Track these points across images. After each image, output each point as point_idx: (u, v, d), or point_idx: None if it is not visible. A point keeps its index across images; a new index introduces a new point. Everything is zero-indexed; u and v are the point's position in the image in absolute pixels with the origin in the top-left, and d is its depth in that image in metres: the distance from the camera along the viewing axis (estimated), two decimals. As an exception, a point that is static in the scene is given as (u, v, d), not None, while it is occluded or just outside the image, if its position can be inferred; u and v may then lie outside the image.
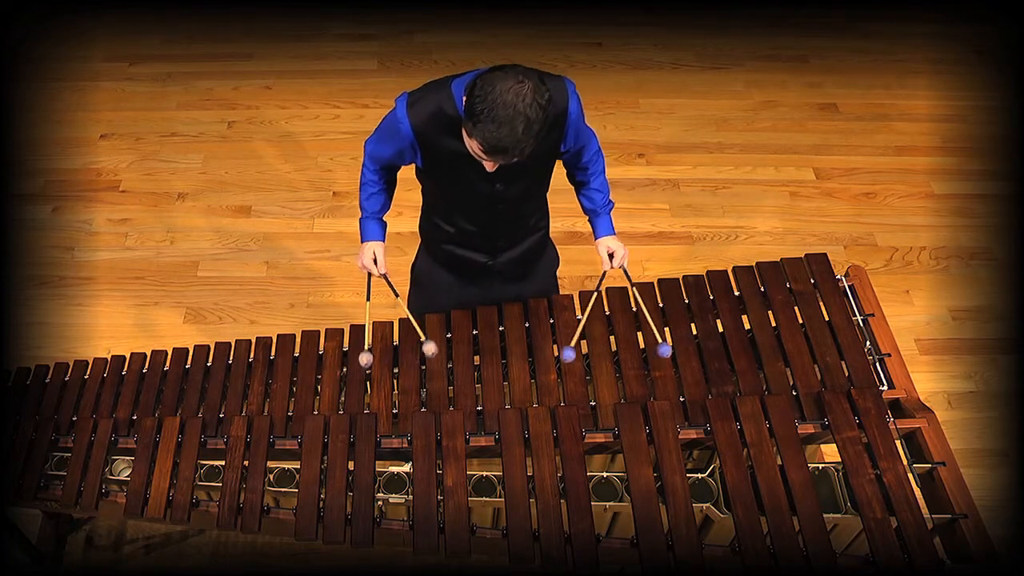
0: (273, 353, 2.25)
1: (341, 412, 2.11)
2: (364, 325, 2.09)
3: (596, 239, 2.18)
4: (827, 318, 2.14)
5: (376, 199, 2.13)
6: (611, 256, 2.13)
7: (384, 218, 2.17)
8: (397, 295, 2.13)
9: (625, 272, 2.14)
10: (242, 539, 2.69)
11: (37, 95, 4.22)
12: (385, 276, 2.13)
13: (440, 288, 2.29)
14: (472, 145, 1.74)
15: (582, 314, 2.16)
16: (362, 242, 2.15)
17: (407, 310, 2.17)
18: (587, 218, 2.20)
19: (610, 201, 2.18)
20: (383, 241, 2.15)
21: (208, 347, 2.29)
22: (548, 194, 2.19)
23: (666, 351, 2.01)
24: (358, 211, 2.18)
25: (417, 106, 1.89)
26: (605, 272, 2.14)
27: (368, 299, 2.11)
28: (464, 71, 1.90)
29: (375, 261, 2.12)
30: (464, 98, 1.72)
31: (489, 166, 1.83)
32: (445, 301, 2.28)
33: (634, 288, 2.13)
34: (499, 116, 1.66)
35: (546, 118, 1.71)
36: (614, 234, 2.17)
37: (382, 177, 2.11)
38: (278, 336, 2.28)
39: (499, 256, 2.21)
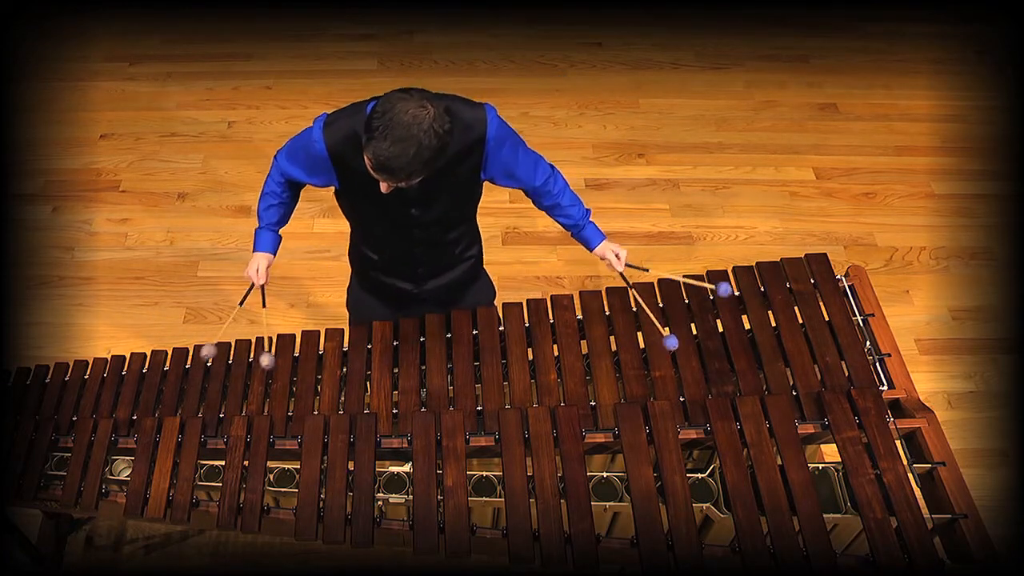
0: (273, 353, 2.24)
1: (341, 412, 2.11)
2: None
3: (593, 250, 2.16)
4: (827, 318, 2.14)
5: (275, 211, 2.14)
6: (617, 257, 2.13)
7: (281, 232, 2.19)
8: (264, 306, 2.13)
9: (632, 266, 2.15)
10: (242, 539, 2.69)
11: (37, 95, 4.22)
12: (263, 287, 2.14)
13: (372, 315, 2.30)
14: (365, 160, 1.74)
15: (637, 306, 2.14)
16: (253, 251, 2.16)
17: (266, 323, 2.16)
18: (571, 235, 2.17)
19: (587, 209, 2.16)
20: (273, 255, 2.17)
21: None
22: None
23: (673, 343, 2.00)
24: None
25: (333, 127, 1.89)
26: (622, 273, 2.13)
27: (241, 304, 2.16)
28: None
29: (258, 271, 2.13)
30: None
31: (383, 187, 1.82)
32: None
33: (632, 288, 2.14)
34: (392, 135, 1.66)
35: (441, 147, 1.71)
36: (605, 237, 2.16)
37: (285, 190, 2.11)
38: (278, 336, 2.28)
39: (424, 284, 2.22)
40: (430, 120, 1.67)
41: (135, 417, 2.17)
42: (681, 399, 2.03)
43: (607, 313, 2.22)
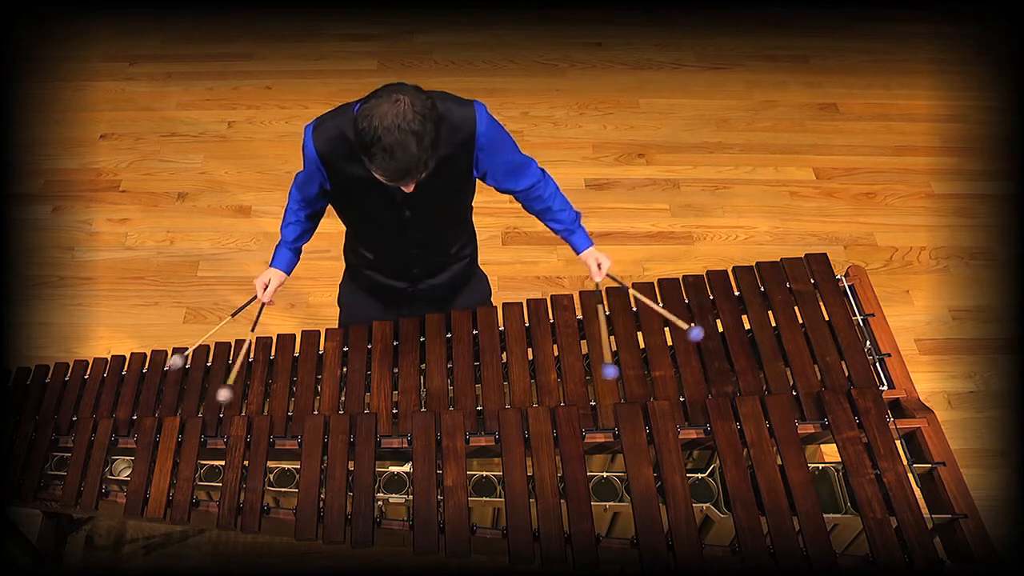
0: (273, 353, 2.25)
1: (341, 412, 2.11)
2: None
3: (579, 254, 2.14)
4: (827, 318, 2.14)
5: (292, 228, 2.13)
6: (599, 266, 2.11)
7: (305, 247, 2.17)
8: (253, 329, 2.09)
9: (612, 278, 2.13)
10: (242, 539, 2.69)
11: (37, 95, 4.22)
12: (263, 304, 2.12)
13: (363, 314, 2.29)
14: (378, 176, 1.74)
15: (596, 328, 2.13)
16: (269, 266, 2.15)
17: (250, 345, 2.09)
18: (561, 239, 2.16)
19: (577, 213, 2.15)
20: (286, 273, 2.15)
21: (208, 347, 2.29)
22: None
23: (698, 334, 1.96)
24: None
25: (321, 129, 1.89)
26: (598, 282, 2.12)
27: (233, 315, 2.12)
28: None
29: (267, 288, 2.11)
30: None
31: (407, 189, 1.81)
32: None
33: (630, 287, 2.13)
34: (388, 143, 1.65)
35: (436, 125, 1.70)
36: (592, 244, 2.15)
37: (301, 208, 2.10)
38: (278, 336, 2.28)
39: (419, 284, 2.21)
40: (410, 108, 1.66)
41: (135, 417, 2.17)
42: (681, 399, 2.03)
43: (607, 313, 2.22)
